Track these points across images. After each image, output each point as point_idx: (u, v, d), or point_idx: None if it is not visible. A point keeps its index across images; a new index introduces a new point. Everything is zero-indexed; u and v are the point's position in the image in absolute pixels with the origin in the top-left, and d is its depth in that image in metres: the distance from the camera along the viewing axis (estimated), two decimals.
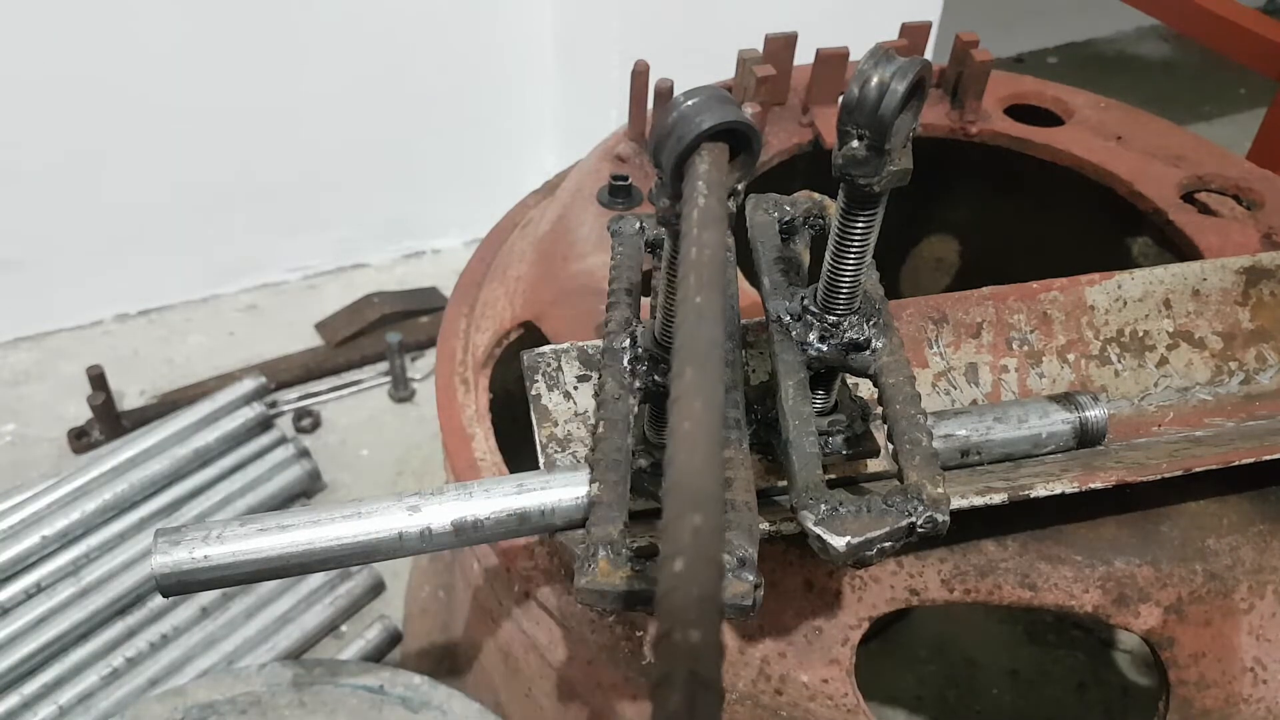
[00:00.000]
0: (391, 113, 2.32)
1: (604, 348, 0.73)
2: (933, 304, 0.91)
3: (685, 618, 0.32)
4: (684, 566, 0.33)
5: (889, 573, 0.82)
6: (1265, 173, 1.20)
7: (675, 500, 0.35)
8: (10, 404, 2.12)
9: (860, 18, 2.00)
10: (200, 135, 2.16)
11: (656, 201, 0.58)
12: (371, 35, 2.19)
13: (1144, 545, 0.82)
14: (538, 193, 1.39)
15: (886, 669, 1.69)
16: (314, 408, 2.14)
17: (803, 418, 0.68)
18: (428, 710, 1.15)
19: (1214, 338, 0.94)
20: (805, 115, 1.28)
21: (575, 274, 1.08)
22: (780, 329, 0.72)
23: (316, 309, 2.38)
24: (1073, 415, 0.81)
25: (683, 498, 0.34)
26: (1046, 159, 1.27)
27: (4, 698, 1.53)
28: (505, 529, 0.70)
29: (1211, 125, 3.36)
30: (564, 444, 0.80)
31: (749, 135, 0.52)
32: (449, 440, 1.05)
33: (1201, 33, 2.26)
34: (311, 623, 1.69)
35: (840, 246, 0.67)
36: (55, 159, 2.07)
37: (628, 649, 0.87)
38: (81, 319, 2.31)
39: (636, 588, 0.61)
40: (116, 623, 1.63)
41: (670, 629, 0.31)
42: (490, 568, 1.02)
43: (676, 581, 0.32)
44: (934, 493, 0.64)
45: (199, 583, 0.65)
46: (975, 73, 1.26)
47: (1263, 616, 0.82)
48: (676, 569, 0.32)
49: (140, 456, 1.78)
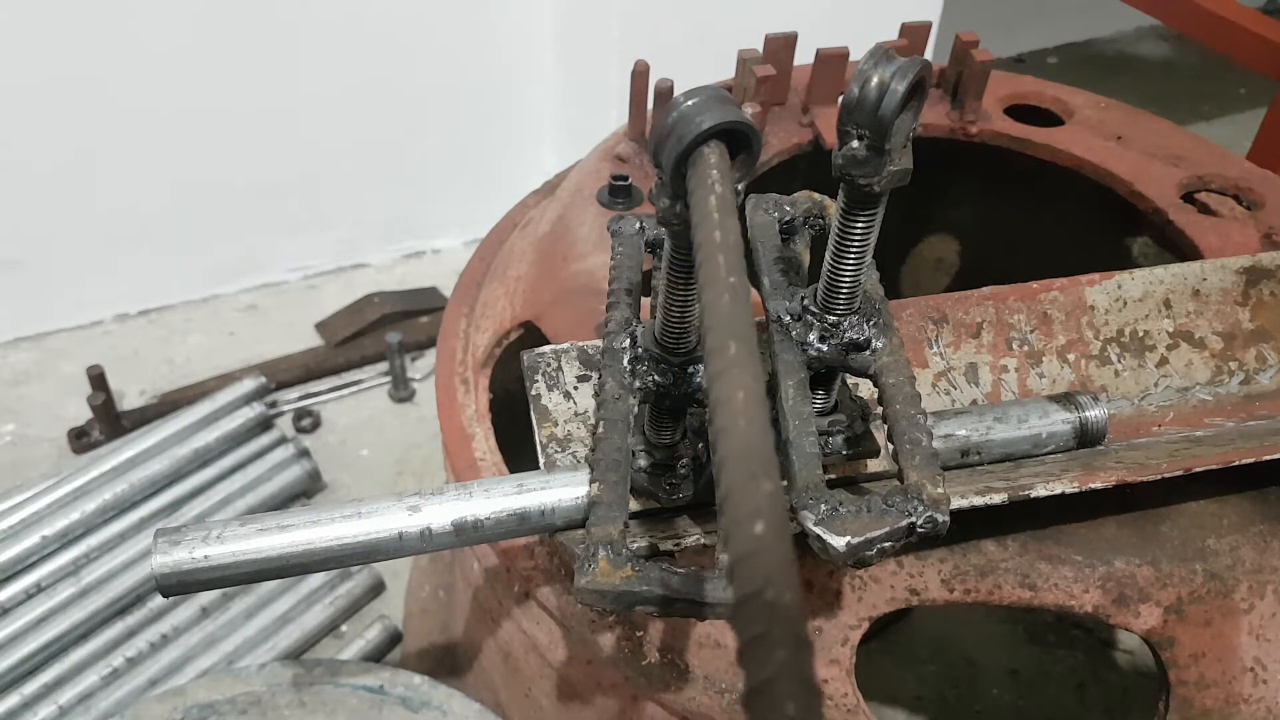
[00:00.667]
0: (391, 113, 2.32)
1: (604, 348, 0.73)
2: (933, 304, 0.91)
3: (776, 577, 0.33)
4: (765, 529, 0.34)
5: (889, 573, 0.82)
6: (1265, 173, 1.20)
7: (740, 467, 0.36)
8: (10, 404, 2.12)
9: (860, 18, 2.00)
10: (200, 135, 2.16)
11: (656, 201, 0.58)
12: (371, 35, 2.19)
13: (1144, 545, 0.82)
14: (538, 193, 1.39)
15: (886, 669, 1.69)
16: (314, 408, 2.14)
17: (803, 418, 0.68)
18: (428, 710, 1.15)
19: (1214, 338, 0.94)
20: (805, 115, 1.28)
21: (575, 274, 1.08)
22: (780, 329, 0.72)
23: (316, 309, 2.38)
24: (1073, 415, 0.81)
25: (748, 464, 0.36)
26: (1046, 159, 1.27)
27: (4, 698, 1.53)
28: (505, 529, 0.70)
29: (1211, 125, 3.36)
30: (564, 444, 0.80)
31: (749, 135, 0.52)
32: (449, 440, 1.05)
33: (1201, 33, 2.26)
34: (311, 623, 1.69)
35: (840, 246, 0.67)
36: (56, 159, 2.07)
37: (628, 649, 0.87)
38: (81, 319, 2.31)
39: (636, 588, 0.61)
40: (116, 623, 1.63)
41: (761, 589, 0.32)
42: (490, 568, 1.02)
43: (759, 544, 0.33)
44: (934, 493, 0.64)
45: (199, 583, 0.65)
46: (975, 73, 1.26)
47: (1263, 616, 0.82)
48: (758, 531, 0.33)
49: (140, 456, 1.78)
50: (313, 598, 1.72)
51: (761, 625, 0.32)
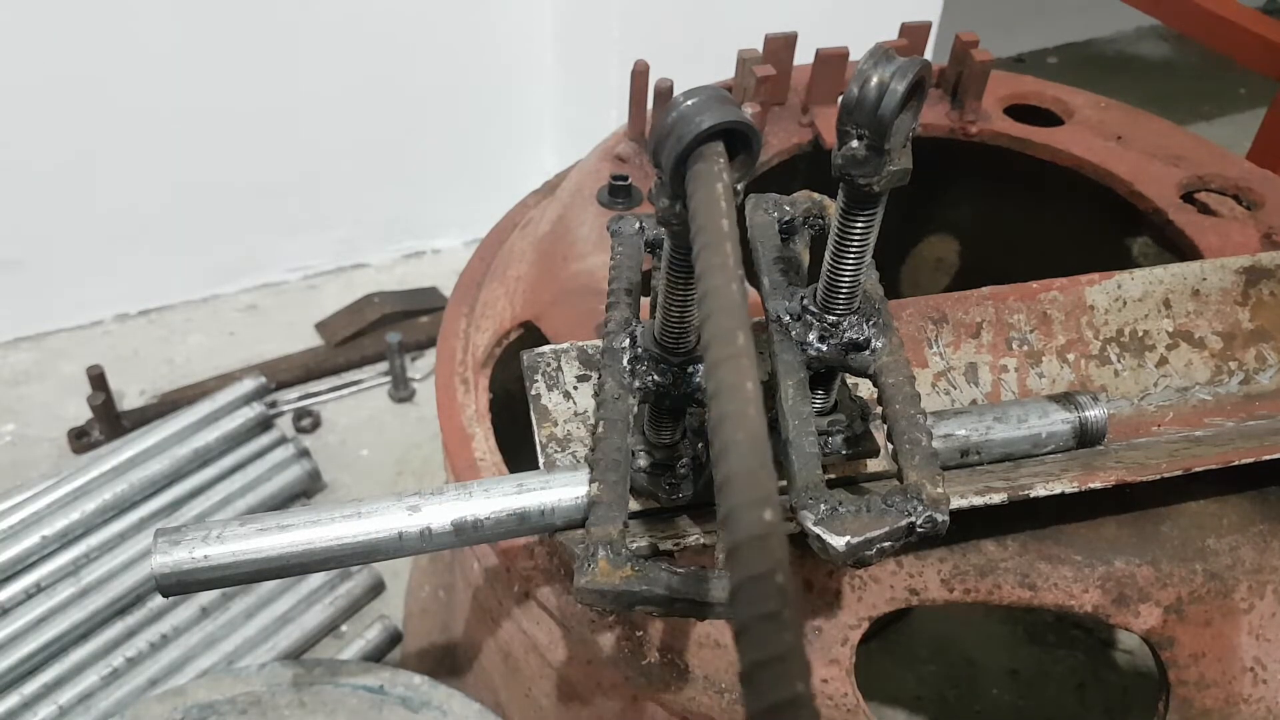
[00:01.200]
0: (391, 113, 2.32)
1: (603, 347, 0.73)
2: (933, 304, 0.91)
3: (784, 561, 0.35)
4: (773, 515, 0.36)
5: (889, 573, 0.82)
6: (1265, 173, 1.20)
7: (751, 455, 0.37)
8: (10, 404, 2.12)
9: (860, 18, 2.00)
10: (200, 135, 2.16)
11: (656, 201, 0.58)
12: (371, 35, 2.19)
13: (1144, 545, 0.82)
14: (538, 193, 1.39)
15: (886, 669, 1.69)
16: (314, 408, 2.14)
17: (802, 418, 0.68)
18: (428, 710, 1.15)
19: (1214, 338, 0.94)
20: (805, 115, 1.28)
21: (575, 274, 1.08)
22: (780, 329, 0.72)
23: (316, 309, 2.38)
24: (1072, 415, 0.81)
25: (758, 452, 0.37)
26: (1046, 159, 1.27)
27: (4, 698, 1.53)
28: (505, 529, 0.70)
29: (1211, 125, 3.36)
30: (564, 444, 0.80)
31: (749, 135, 0.52)
32: (449, 440, 1.05)
33: (1201, 33, 2.26)
34: (311, 623, 1.69)
35: (840, 246, 0.67)
36: (56, 159, 2.07)
37: (628, 649, 0.87)
38: (81, 319, 2.31)
39: (636, 588, 0.61)
40: (116, 623, 1.63)
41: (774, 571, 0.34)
42: (490, 568, 1.02)
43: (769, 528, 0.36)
44: (934, 493, 0.64)
45: (199, 583, 0.65)
46: (975, 73, 1.26)
47: (1263, 616, 0.82)
48: (768, 517, 0.36)
49: (140, 456, 1.78)
50: (313, 598, 1.72)
51: (774, 604, 0.33)
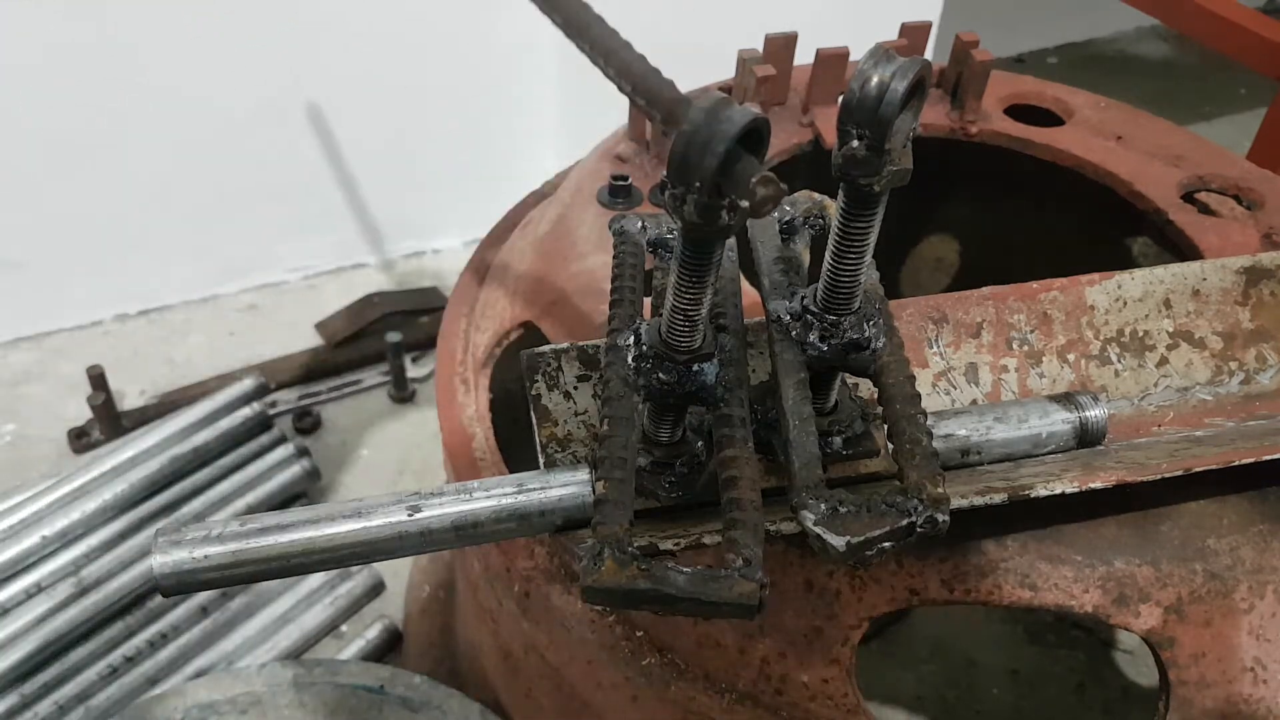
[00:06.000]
0: (392, 113, 2.32)
1: (607, 345, 0.73)
2: (933, 304, 0.91)
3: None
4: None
5: (889, 573, 0.82)
6: (1265, 173, 1.20)
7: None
8: (10, 404, 2.12)
9: (860, 18, 1.99)
10: (201, 135, 2.16)
11: (680, 204, 0.57)
12: (372, 36, 2.19)
13: (1144, 545, 0.82)
14: (538, 193, 1.39)
15: (886, 669, 1.69)
16: (314, 408, 2.14)
17: (803, 418, 0.68)
18: (428, 710, 1.15)
19: (1214, 338, 0.94)
20: (805, 115, 1.28)
21: (575, 274, 1.08)
22: (780, 329, 0.72)
23: (316, 309, 2.38)
24: (1073, 415, 0.81)
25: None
26: (1046, 159, 1.27)
27: (4, 697, 1.52)
28: (505, 529, 0.70)
29: (1211, 125, 3.36)
30: (564, 444, 0.79)
31: (762, 130, 0.53)
32: (449, 440, 1.05)
33: (1201, 33, 2.26)
34: (311, 623, 1.69)
35: (840, 246, 0.67)
36: (56, 159, 2.07)
37: (628, 649, 0.87)
38: (81, 319, 2.31)
39: (642, 587, 0.61)
40: (116, 622, 1.63)
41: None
42: (490, 568, 1.02)
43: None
44: (934, 493, 0.64)
45: (199, 583, 0.65)
46: (975, 73, 1.26)
47: (1263, 616, 0.82)
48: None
49: (140, 456, 1.78)
50: (313, 598, 1.72)
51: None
